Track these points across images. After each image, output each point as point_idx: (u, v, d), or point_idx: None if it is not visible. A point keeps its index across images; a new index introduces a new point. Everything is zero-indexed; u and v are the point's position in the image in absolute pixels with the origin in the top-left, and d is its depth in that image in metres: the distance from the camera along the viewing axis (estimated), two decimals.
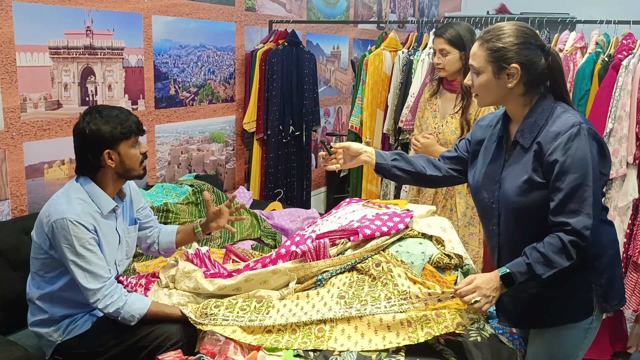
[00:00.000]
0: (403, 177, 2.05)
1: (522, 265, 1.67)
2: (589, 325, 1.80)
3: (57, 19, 2.78)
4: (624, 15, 3.12)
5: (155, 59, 3.38)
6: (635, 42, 2.95)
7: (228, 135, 4.07)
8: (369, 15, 5.73)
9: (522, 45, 1.69)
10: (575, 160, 1.63)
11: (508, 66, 1.69)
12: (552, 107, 1.73)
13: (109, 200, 2.09)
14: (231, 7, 3.91)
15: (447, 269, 2.36)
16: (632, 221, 2.89)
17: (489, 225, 1.87)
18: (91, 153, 2.03)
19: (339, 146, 2.05)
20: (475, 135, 1.99)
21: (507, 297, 1.85)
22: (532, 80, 1.72)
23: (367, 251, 2.25)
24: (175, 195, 3.27)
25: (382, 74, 3.66)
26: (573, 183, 1.62)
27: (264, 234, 3.22)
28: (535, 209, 1.72)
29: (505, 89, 1.73)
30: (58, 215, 1.97)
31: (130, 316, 2.01)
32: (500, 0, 7.02)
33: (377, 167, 2.05)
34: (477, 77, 1.76)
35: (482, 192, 1.87)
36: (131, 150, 2.06)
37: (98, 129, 2.00)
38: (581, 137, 1.64)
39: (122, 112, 2.06)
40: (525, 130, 1.75)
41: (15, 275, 2.44)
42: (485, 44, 1.72)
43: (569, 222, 1.63)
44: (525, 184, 1.71)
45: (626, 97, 2.81)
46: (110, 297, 2.00)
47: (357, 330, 1.91)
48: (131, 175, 2.11)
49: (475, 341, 1.95)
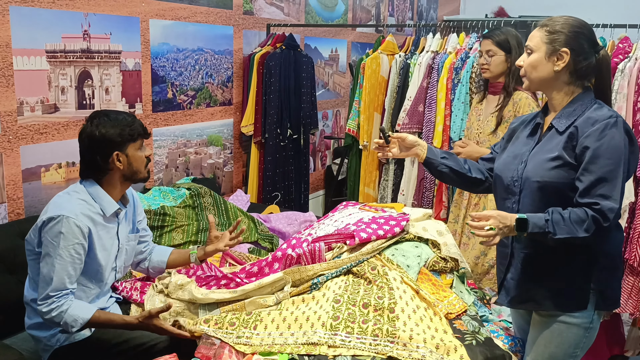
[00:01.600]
0: (448, 174, 2.08)
1: (540, 219, 1.71)
2: (589, 325, 1.82)
3: (54, 23, 2.79)
4: (622, 19, 3.13)
5: (153, 62, 3.39)
6: (631, 46, 2.96)
7: (226, 138, 4.08)
8: (367, 19, 5.74)
9: (577, 34, 1.78)
10: (610, 147, 1.68)
11: (560, 49, 1.78)
12: (592, 102, 1.80)
13: (112, 202, 2.10)
14: (229, 10, 3.92)
15: (443, 273, 2.37)
16: (628, 224, 2.89)
17: (509, 203, 1.89)
18: (100, 155, 2.04)
19: (396, 136, 2.10)
20: (510, 135, 2.04)
21: (512, 274, 1.90)
22: (578, 70, 1.79)
23: (363, 254, 2.25)
24: (172, 198, 3.27)
25: (379, 78, 3.67)
26: (606, 168, 1.67)
27: (261, 237, 3.22)
28: (557, 188, 1.75)
29: (552, 73, 1.80)
30: (56, 211, 1.96)
31: (73, 320, 1.94)
32: (498, 3, 7.05)
33: (426, 161, 2.08)
34: (528, 56, 1.84)
35: (506, 171, 1.91)
36: (138, 152, 2.10)
37: (107, 132, 2.03)
38: (618, 127, 1.70)
39: (128, 115, 2.11)
40: (563, 117, 1.81)
41: (11, 278, 2.43)
42: (544, 27, 1.82)
43: (599, 202, 1.67)
44: (553, 160, 1.76)
45: (622, 101, 2.82)
46: (58, 305, 1.94)
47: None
48: (137, 178, 2.13)
49: (470, 345, 1.95)
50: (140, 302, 2.29)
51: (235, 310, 2.08)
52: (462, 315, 2.15)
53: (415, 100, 3.45)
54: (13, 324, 2.31)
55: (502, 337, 2.08)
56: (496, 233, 1.71)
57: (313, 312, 1.98)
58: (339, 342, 1.87)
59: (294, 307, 2.05)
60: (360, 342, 1.87)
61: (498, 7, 7.05)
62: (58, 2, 2.79)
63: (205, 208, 3.28)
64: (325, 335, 1.88)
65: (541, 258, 1.83)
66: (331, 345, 1.87)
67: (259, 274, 2.27)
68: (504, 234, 1.74)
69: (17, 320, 2.21)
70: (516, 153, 1.91)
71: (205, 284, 2.22)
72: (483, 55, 2.87)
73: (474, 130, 3.00)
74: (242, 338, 1.91)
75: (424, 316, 1.99)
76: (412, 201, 3.51)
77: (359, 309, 1.97)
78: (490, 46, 2.83)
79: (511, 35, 2.82)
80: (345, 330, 1.90)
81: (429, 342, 1.86)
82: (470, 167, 2.09)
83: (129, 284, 2.36)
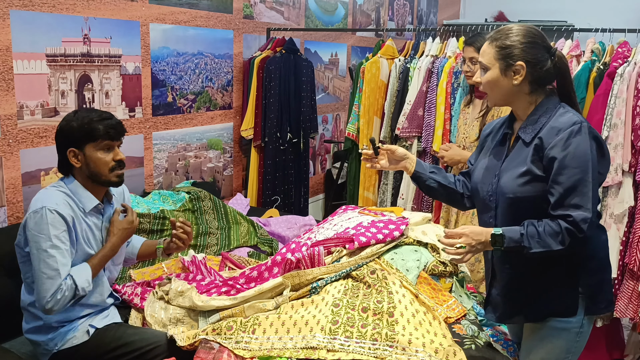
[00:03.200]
0: (436, 189, 2.07)
1: (516, 232, 1.71)
2: (580, 329, 1.81)
3: (55, 27, 2.80)
4: (622, 23, 3.13)
5: (153, 66, 3.39)
6: (630, 51, 2.96)
7: (225, 142, 4.08)
8: (367, 23, 5.75)
9: (528, 45, 1.75)
10: (576, 156, 1.67)
11: (514, 63, 1.75)
12: (556, 107, 1.78)
13: (91, 197, 2.08)
14: (229, 15, 3.93)
15: (442, 277, 2.37)
16: (628, 229, 2.89)
17: (486, 218, 1.89)
18: (59, 149, 2.06)
19: (385, 148, 2.09)
20: (482, 144, 2.04)
21: (497, 290, 1.89)
22: (537, 79, 1.78)
23: (362, 258, 2.25)
24: (172, 202, 3.27)
25: (378, 82, 3.67)
26: (574, 178, 1.66)
27: (260, 241, 3.22)
28: (531, 201, 1.75)
29: (512, 87, 1.79)
30: (38, 205, 1.97)
31: (85, 284, 1.99)
32: (498, 8, 7.06)
33: (414, 175, 2.07)
34: (484, 73, 1.82)
35: (481, 185, 1.91)
36: (98, 153, 2.03)
37: (67, 126, 2.03)
38: (582, 134, 1.68)
39: (101, 115, 2.04)
40: (528, 126, 1.79)
41: (10, 282, 2.43)
42: (494, 42, 1.79)
43: (571, 214, 1.66)
44: (523, 175, 1.75)
45: (621, 105, 2.82)
46: (62, 290, 1.94)
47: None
48: (100, 180, 2.07)
49: (469, 349, 1.95)
50: (140, 307, 2.29)
51: (235, 315, 2.08)
52: (462, 319, 2.15)
53: (415, 104, 3.45)
54: (12, 328, 2.31)
55: (502, 342, 2.08)
56: (467, 251, 1.71)
57: (312, 316, 1.98)
58: (337, 346, 1.87)
59: (293, 311, 2.05)
60: (359, 347, 1.87)
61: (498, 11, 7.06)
62: (58, 6, 2.80)
63: (204, 212, 3.28)
64: (324, 340, 1.88)
65: (524, 270, 1.81)
66: (330, 349, 1.87)
67: (258, 279, 2.27)
68: (477, 251, 1.74)
69: (16, 324, 2.21)
70: (489, 166, 1.91)
71: (206, 291, 2.22)
72: (467, 62, 2.89)
73: (460, 135, 3.03)
74: (240, 343, 1.91)
75: (423, 320, 1.99)
76: (412, 205, 3.51)
77: (358, 313, 1.97)
78: (474, 53, 2.83)
79: None
80: (344, 335, 1.90)
81: (428, 346, 1.86)
82: (457, 182, 2.09)
83: (130, 289, 2.35)
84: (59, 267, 1.94)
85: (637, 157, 2.82)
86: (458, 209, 2.81)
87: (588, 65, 3.01)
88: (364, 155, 2.13)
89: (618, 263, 2.90)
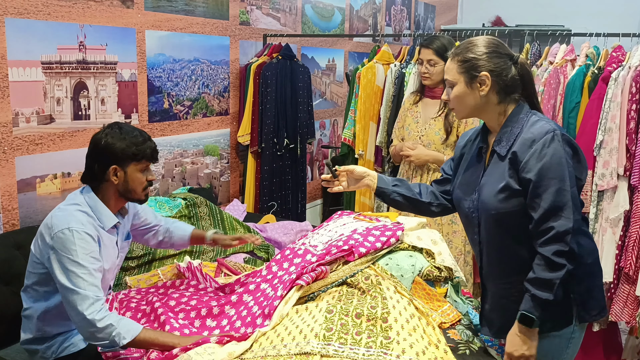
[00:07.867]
0: (401, 202, 2.08)
1: (528, 300, 1.69)
2: (571, 335, 1.80)
3: (50, 34, 2.80)
4: (619, 28, 3.14)
5: (149, 73, 3.40)
6: (624, 55, 2.97)
7: (222, 148, 4.09)
8: (364, 29, 5.77)
9: (490, 54, 1.76)
10: (552, 166, 1.66)
11: (478, 74, 1.76)
12: (528, 115, 1.78)
13: (110, 215, 2.10)
14: (225, 21, 3.94)
15: (437, 282, 2.36)
16: (623, 233, 2.89)
17: (471, 234, 1.90)
18: (99, 164, 2.05)
19: (343, 169, 2.09)
20: (457, 153, 2.03)
21: (489, 305, 1.90)
22: (504, 88, 1.78)
23: (358, 265, 2.25)
24: (168, 208, 3.27)
25: (374, 87, 3.68)
26: (552, 188, 1.65)
27: (256, 247, 3.22)
28: (513, 215, 1.74)
29: (479, 99, 1.79)
30: (63, 225, 1.95)
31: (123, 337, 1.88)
32: (495, 13, 7.08)
33: (378, 191, 2.08)
34: (451, 90, 1.82)
35: (462, 201, 1.91)
36: (138, 173, 2.08)
37: (113, 143, 2.03)
38: (555, 142, 1.67)
39: (142, 135, 2.09)
40: (503, 139, 1.79)
41: (6, 289, 2.43)
42: (455, 57, 1.80)
43: (553, 225, 1.65)
44: (502, 191, 1.75)
45: (616, 109, 2.83)
46: (106, 310, 1.91)
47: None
48: (131, 197, 2.12)
49: (463, 354, 1.95)
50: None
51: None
52: (456, 324, 2.14)
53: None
54: (8, 336, 2.31)
55: (496, 347, 2.07)
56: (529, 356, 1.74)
57: (306, 324, 1.98)
58: (332, 352, 1.87)
59: (287, 319, 2.04)
60: (354, 352, 1.86)
61: (495, 16, 7.08)
62: (54, 14, 2.81)
63: (201, 218, 3.28)
64: (318, 345, 1.88)
65: (514, 284, 1.80)
66: (324, 354, 1.86)
67: (262, 296, 2.21)
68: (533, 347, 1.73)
69: (11, 332, 2.21)
70: (468, 181, 1.90)
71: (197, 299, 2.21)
72: (424, 64, 2.96)
73: (413, 133, 3.06)
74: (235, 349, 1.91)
75: (417, 326, 1.98)
76: None
77: (352, 319, 1.97)
78: (432, 56, 2.91)
79: (447, 42, 2.91)
80: (338, 341, 1.89)
81: (421, 356, 1.85)
82: (421, 191, 2.08)
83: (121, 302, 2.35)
84: (90, 286, 1.92)
85: (631, 161, 2.83)
86: (427, 217, 2.83)
87: (582, 70, 3.02)
88: (322, 179, 2.13)
89: (614, 267, 2.90)
